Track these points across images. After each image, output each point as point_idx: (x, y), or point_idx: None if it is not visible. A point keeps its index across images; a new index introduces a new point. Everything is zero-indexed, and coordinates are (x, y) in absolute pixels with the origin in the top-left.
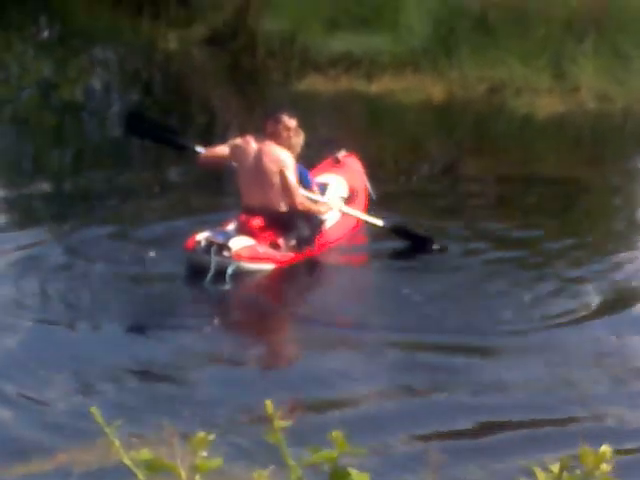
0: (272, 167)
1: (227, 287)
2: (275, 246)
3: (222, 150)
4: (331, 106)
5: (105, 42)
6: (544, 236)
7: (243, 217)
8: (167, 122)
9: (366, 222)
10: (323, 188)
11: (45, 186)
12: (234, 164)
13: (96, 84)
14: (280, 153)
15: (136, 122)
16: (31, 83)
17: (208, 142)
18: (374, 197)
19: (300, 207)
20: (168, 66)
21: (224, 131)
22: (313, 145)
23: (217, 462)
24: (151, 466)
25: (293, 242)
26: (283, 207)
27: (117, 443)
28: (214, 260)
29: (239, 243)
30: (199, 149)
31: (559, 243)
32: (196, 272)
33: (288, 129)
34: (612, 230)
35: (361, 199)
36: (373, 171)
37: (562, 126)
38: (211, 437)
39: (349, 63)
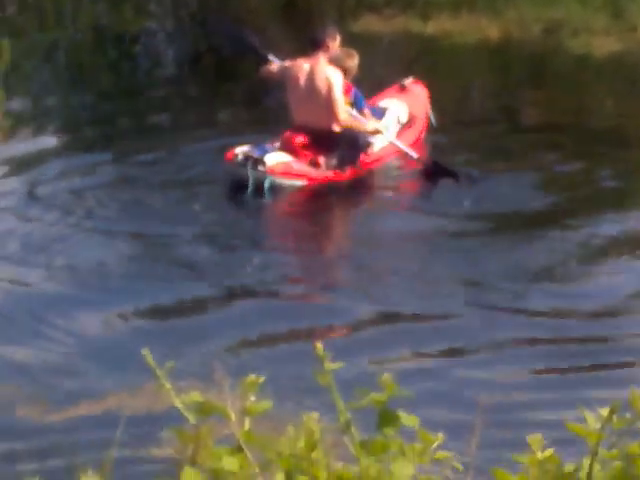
0: (321, 85)
1: (265, 201)
2: (314, 164)
3: (276, 69)
4: (387, 46)
5: None
6: (594, 183)
7: (287, 134)
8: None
9: (406, 153)
10: (381, 112)
11: (97, 117)
12: (285, 84)
13: (152, 25)
14: (328, 70)
15: (221, 24)
16: (86, 25)
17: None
18: (434, 124)
19: (343, 123)
20: (223, 6)
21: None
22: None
23: (266, 405)
24: (202, 409)
25: (335, 161)
26: (330, 126)
27: (168, 386)
28: (252, 173)
29: (274, 158)
30: (271, 57)
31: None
32: (234, 184)
33: (334, 40)
34: None
35: (419, 125)
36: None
37: (619, 66)
38: (261, 380)
39: (405, 3)
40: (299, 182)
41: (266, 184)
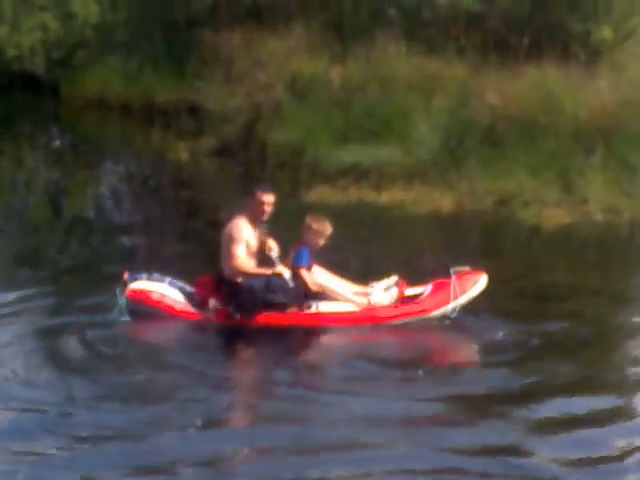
0: (226, 237)
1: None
2: (201, 304)
3: None
4: (340, 217)
5: (115, 152)
6: (542, 352)
7: (200, 276)
8: None
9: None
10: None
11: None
12: None
13: (105, 194)
14: (234, 223)
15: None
16: (40, 192)
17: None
18: (451, 315)
19: (238, 270)
20: (178, 176)
21: None
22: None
23: None
24: None
25: (230, 307)
26: (229, 274)
27: None
28: (119, 294)
29: (140, 285)
30: None
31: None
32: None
33: (261, 203)
34: (617, 346)
35: (417, 307)
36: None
37: (569, 238)
38: None
39: (358, 174)
40: (157, 311)
41: (119, 304)
